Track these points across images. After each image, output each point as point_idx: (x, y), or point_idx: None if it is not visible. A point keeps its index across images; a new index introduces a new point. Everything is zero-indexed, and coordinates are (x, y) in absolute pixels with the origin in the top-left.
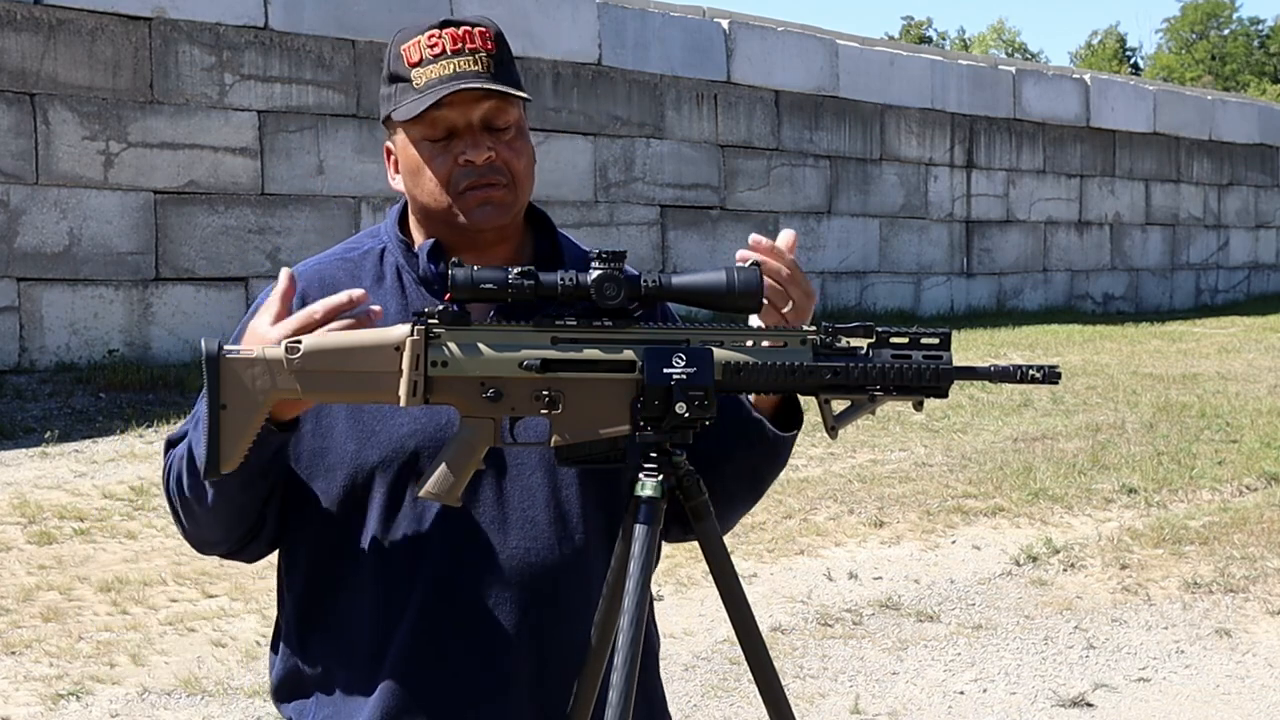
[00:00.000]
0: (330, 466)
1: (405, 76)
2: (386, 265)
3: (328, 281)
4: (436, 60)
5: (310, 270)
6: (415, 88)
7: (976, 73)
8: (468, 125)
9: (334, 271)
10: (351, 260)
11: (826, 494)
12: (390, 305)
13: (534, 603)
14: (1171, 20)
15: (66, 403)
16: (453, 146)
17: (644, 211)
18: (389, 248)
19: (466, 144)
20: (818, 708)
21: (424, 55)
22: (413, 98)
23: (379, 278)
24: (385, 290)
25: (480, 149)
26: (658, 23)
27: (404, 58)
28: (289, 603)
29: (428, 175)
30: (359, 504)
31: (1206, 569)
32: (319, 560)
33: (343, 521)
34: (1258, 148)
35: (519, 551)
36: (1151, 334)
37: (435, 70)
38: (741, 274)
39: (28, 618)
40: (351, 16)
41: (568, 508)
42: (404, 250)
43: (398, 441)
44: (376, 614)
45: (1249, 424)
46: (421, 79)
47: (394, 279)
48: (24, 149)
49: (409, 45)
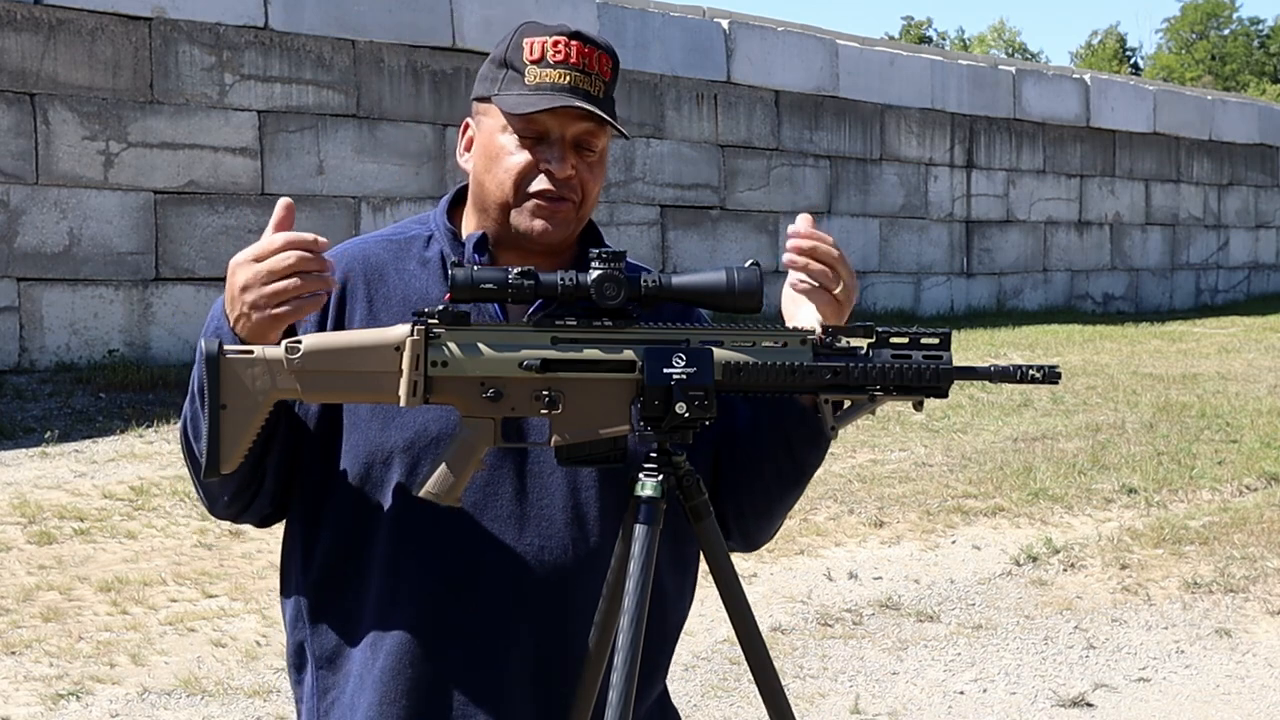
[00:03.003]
0: (353, 445)
1: (519, 68)
2: (431, 251)
3: (372, 261)
4: (557, 66)
5: (355, 249)
6: (527, 83)
7: (976, 73)
8: (560, 137)
9: (379, 251)
10: (397, 243)
11: (826, 494)
12: (432, 291)
13: (543, 600)
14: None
15: (66, 403)
16: (539, 150)
17: (644, 211)
18: (436, 235)
19: (554, 154)
20: (818, 708)
21: (546, 56)
22: (520, 90)
23: (423, 263)
24: (429, 276)
25: (565, 164)
26: (658, 23)
27: (525, 50)
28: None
29: (504, 166)
30: (377, 486)
31: (1206, 569)
32: (336, 538)
33: (361, 502)
34: (1258, 148)
35: (533, 549)
36: (1151, 334)
37: (552, 75)
38: (741, 274)
39: (28, 618)
40: (351, 16)
41: (585, 509)
42: (450, 238)
43: (421, 426)
44: (383, 598)
45: (1249, 424)
46: (535, 78)
47: (438, 266)
48: (24, 149)
49: (534, 41)
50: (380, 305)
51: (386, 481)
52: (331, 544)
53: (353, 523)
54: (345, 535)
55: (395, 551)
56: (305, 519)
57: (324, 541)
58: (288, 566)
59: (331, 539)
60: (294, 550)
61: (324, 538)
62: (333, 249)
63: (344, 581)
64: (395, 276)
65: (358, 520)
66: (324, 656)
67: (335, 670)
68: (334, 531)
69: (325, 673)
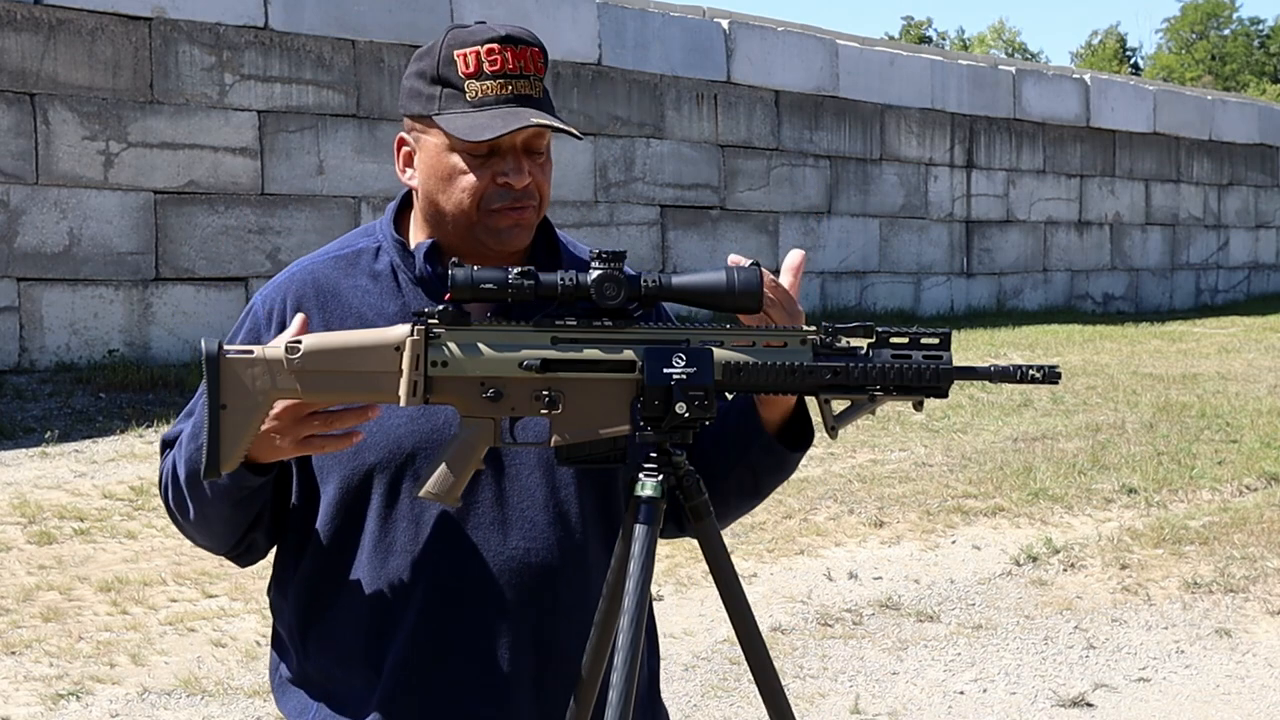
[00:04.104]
0: (328, 468)
1: (455, 84)
2: (381, 264)
3: (322, 282)
4: (495, 77)
5: (303, 270)
6: (468, 99)
7: (976, 73)
8: (511, 147)
9: (328, 270)
10: (345, 258)
11: (826, 494)
12: (387, 305)
13: (534, 603)
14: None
15: (66, 403)
16: (492, 164)
17: (644, 211)
18: (384, 246)
19: (509, 165)
20: (818, 708)
21: (483, 68)
22: (463, 109)
23: (374, 276)
24: (381, 289)
25: (522, 174)
26: (658, 23)
27: (457, 64)
28: (290, 603)
29: (460, 186)
30: (357, 505)
31: (1206, 569)
32: (318, 562)
33: (341, 523)
34: (1258, 148)
35: (519, 552)
36: (1151, 334)
37: (492, 88)
38: (741, 274)
39: (28, 618)
40: (351, 16)
41: (567, 507)
42: (400, 249)
43: (394, 442)
44: (375, 616)
45: (1249, 424)
46: (476, 92)
47: (389, 278)
48: (24, 149)
49: (466, 53)
50: (336, 325)
51: (367, 501)
52: (315, 568)
53: (335, 545)
54: (328, 558)
55: (381, 570)
56: (288, 546)
57: (306, 567)
58: (276, 593)
59: (314, 564)
60: (281, 576)
61: (306, 564)
62: (282, 272)
63: (332, 604)
64: (348, 294)
65: (339, 543)
66: (320, 677)
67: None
68: (316, 556)
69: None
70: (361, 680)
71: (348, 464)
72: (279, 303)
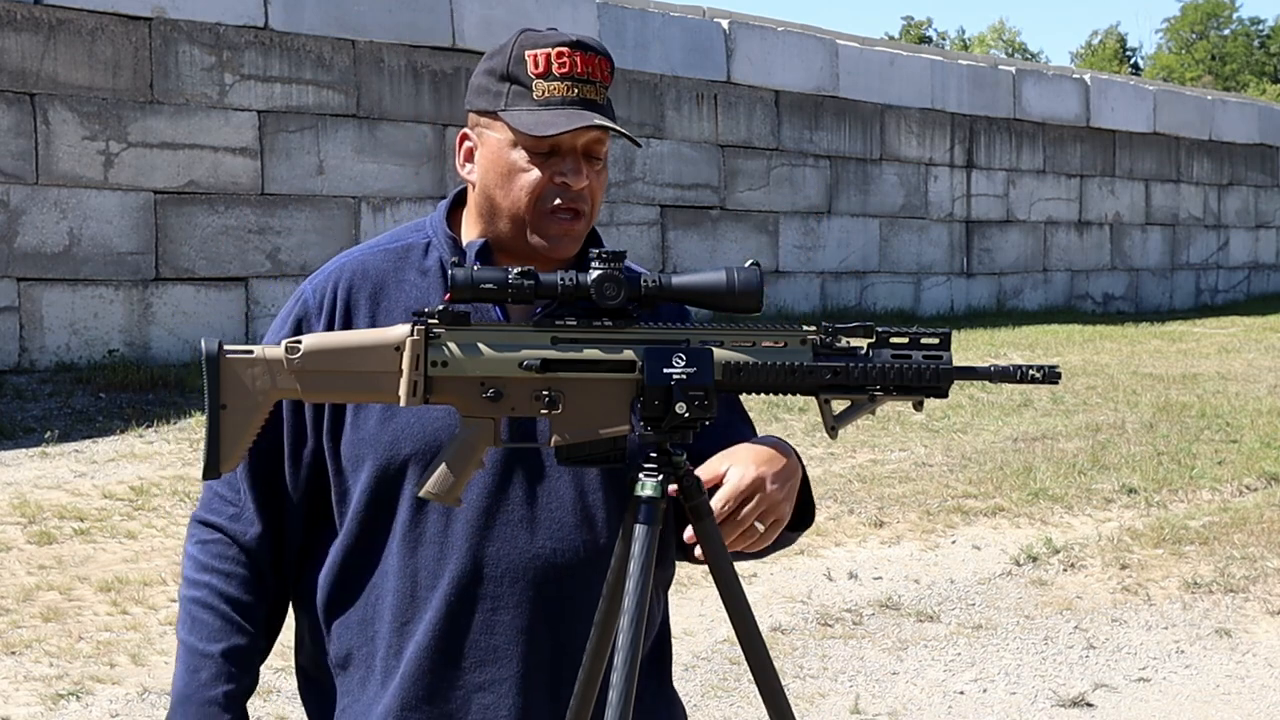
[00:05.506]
0: (362, 455)
1: (524, 82)
2: (430, 260)
3: (372, 273)
4: (563, 80)
5: (353, 260)
6: (535, 98)
7: (976, 73)
8: (572, 149)
9: (377, 262)
10: (394, 252)
11: (826, 494)
12: (434, 300)
13: (557, 602)
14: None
15: (66, 403)
16: (552, 163)
17: (644, 211)
18: (434, 242)
19: (568, 166)
20: (818, 708)
21: (552, 69)
22: (530, 106)
23: (423, 272)
24: (429, 285)
25: (580, 176)
26: (658, 23)
27: (528, 63)
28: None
29: (519, 183)
30: (390, 495)
31: (1206, 569)
32: (349, 549)
33: (375, 510)
34: (1258, 148)
35: (545, 552)
36: (1151, 334)
37: (559, 89)
38: (742, 274)
39: (28, 618)
40: (351, 16)
41: (593, 511)
42: (451, 246)
43: (431, 434)
44: (400, 603)
45: (1249, 424)
46: (543, 92)
47: (438, 274)
48: (24, 149)
49: (536, 53)
50: (383, 318)
51: (400, 492)
52: (345, 553)
53: (367, 532)
54: (359, 544)
55: (410, 558)
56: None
57: (337, 551)
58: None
59: (345, 548)
60: (307, 559)
61: (337, 548)
62: (331, 261)
63: (359, 590)
64: (395, 288)
65: (371, 529)
66: (339, 662)
67: (350, 675)
68: (347, 540)
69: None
70: (381, 668)
71: (384, 452)
72: (329, 291)
